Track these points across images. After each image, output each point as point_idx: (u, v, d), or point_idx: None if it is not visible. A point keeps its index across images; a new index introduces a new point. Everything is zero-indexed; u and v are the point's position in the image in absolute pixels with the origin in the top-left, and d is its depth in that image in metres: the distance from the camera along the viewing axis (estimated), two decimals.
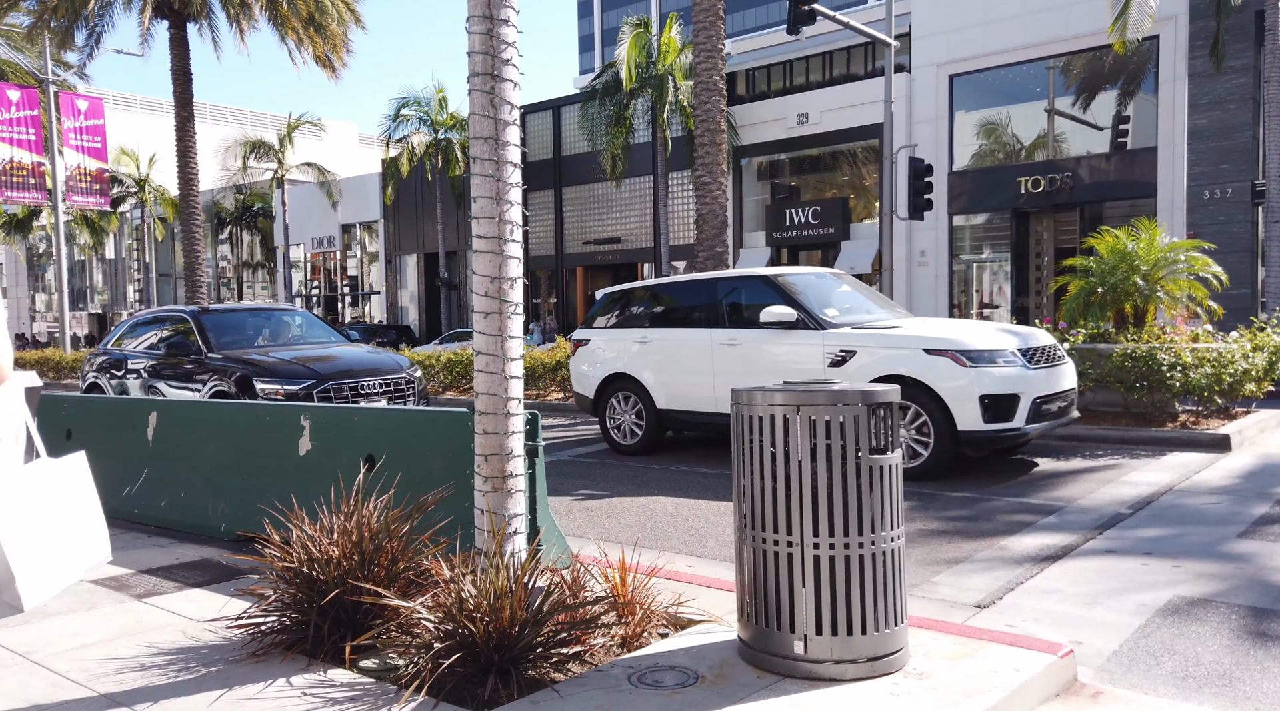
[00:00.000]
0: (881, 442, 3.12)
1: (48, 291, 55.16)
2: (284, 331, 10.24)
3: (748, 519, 3.17)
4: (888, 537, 3.06)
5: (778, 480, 3.08)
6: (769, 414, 3.10)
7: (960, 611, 4.02)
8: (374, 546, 3.48)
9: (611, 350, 9.13)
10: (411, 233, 36.84)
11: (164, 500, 5.95)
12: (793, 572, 3.04)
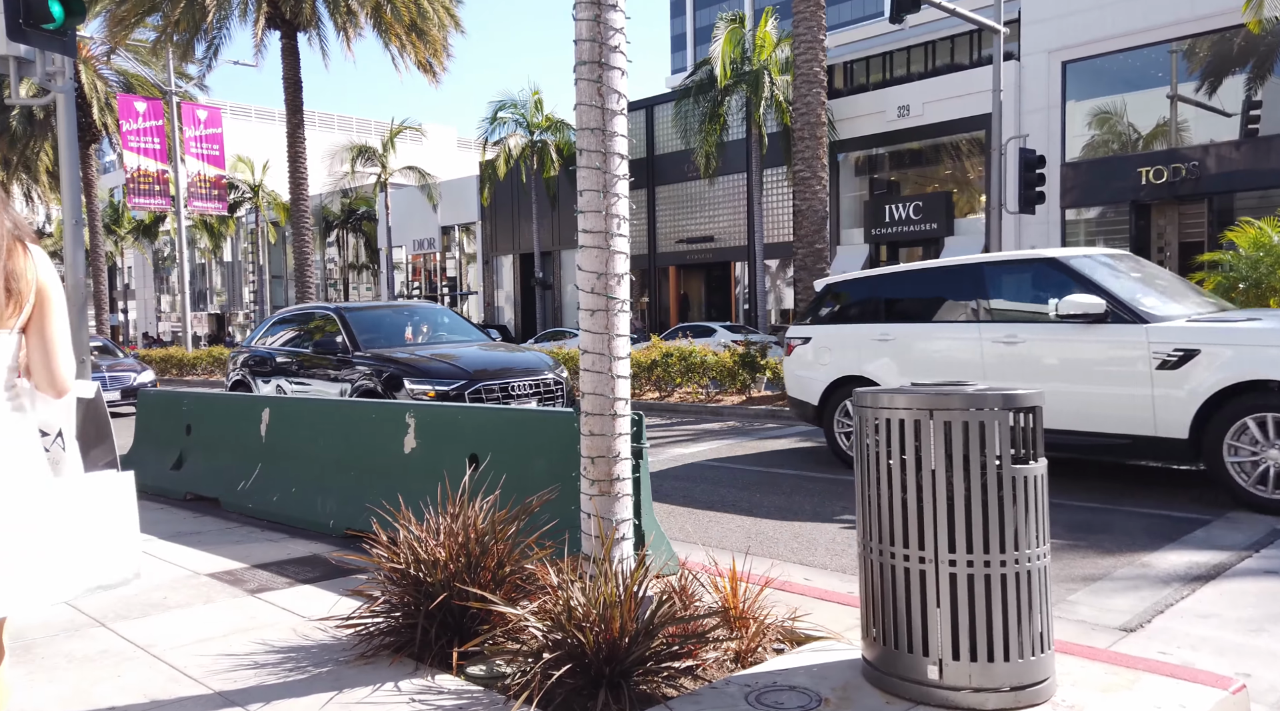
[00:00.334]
0: (1024, 451, 2.85)
1: (171, 293, 58.53)
2: (426, 328, 9.89)
3: (872, 531, 2.95)
4: (1032, 555, 2.79)
5: (907, 491, 2.85)
6: (896, 418, 2.87)
7: (1104, 635, 3.68)
8: (480, 549, 3.41)
9: (841, 349, 7.96)
10: (507, 234, 37.47)
11: (276, 495, 6.09)
12: (925, 591, 2.80)
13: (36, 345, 2.02)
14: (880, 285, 8.02)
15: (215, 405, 7.28)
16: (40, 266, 2.01)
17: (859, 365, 7.80)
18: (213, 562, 4.81)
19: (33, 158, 31.15)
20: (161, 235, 50.04)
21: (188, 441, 7.21)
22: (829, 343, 8.11)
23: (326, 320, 9.61)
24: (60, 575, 2.00)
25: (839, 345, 8.02)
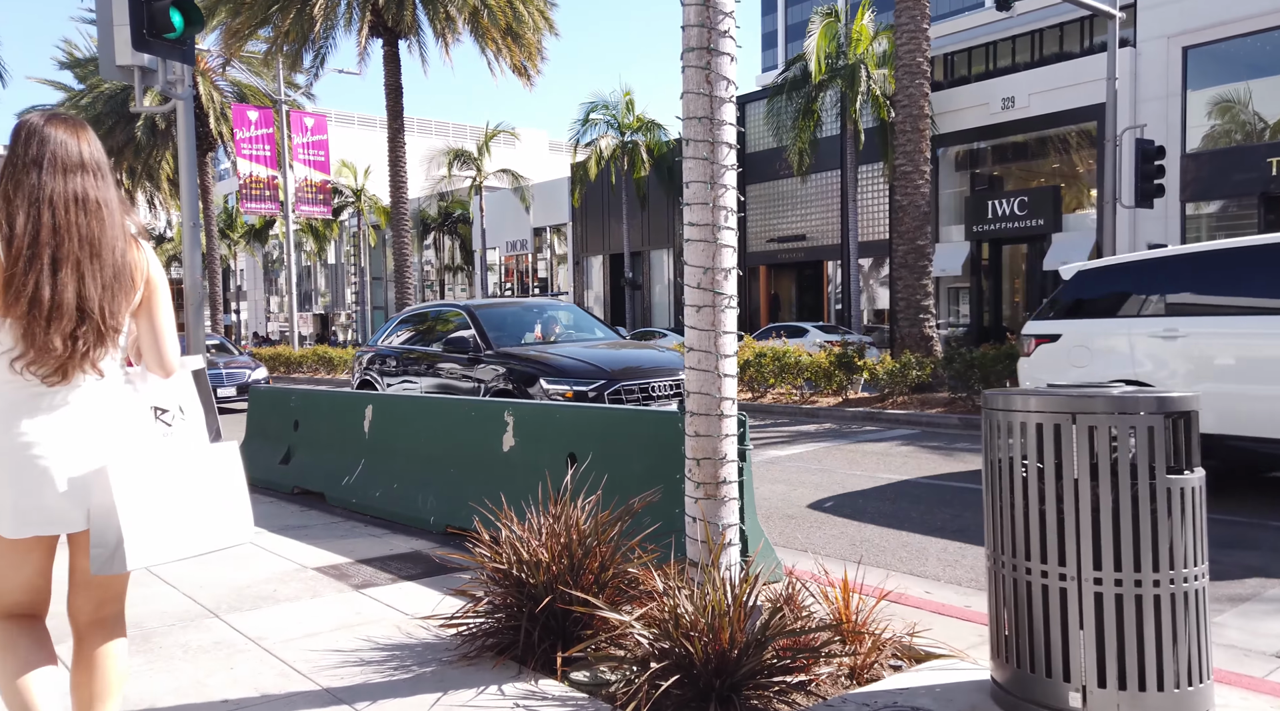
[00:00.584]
0: (1181, 460, 2.58)
1: (279, 294, 61.22)
2: (556, 326, 9.50)
3: (1005, 544, 2.73)
4: (1189, 574, 2.53)
5: (1046, 502, 2.62)
6: (1033, 422, 2.64)
7: (1258, 662, 3.34)
8: (583, 551, 3.32)
9: (1106, 348, 6.75)
10: (598, 234, 37.73)
11: (378, 491, 6.19)
12: (1066, 611, 2.57)
13: (146, 330, 2.21)
14: (1160, 270, 6.70)
15: (321, 401, 7.47)
16: (150, 261, 2.21)
17: (1132, 367, 6.51)
18: (319, 557, 4.89)
19: (155, 166, 33.02)
20: (271, 239, 52.39)
21: (295, 437, 7.42)
22: (1087, 340, 6.86)
23: (456, 317, 9.23)
24: (184, 534, 2.16)
25: (1103, 343, 6.77)
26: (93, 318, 2.05)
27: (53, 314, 2.01)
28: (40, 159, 2.07)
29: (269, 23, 21.42)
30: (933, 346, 13.12)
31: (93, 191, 2.10)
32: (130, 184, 36.94)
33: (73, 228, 2.05)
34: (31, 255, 2.01)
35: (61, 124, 2.13)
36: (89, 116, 31.22)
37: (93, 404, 2.12)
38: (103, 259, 2.08)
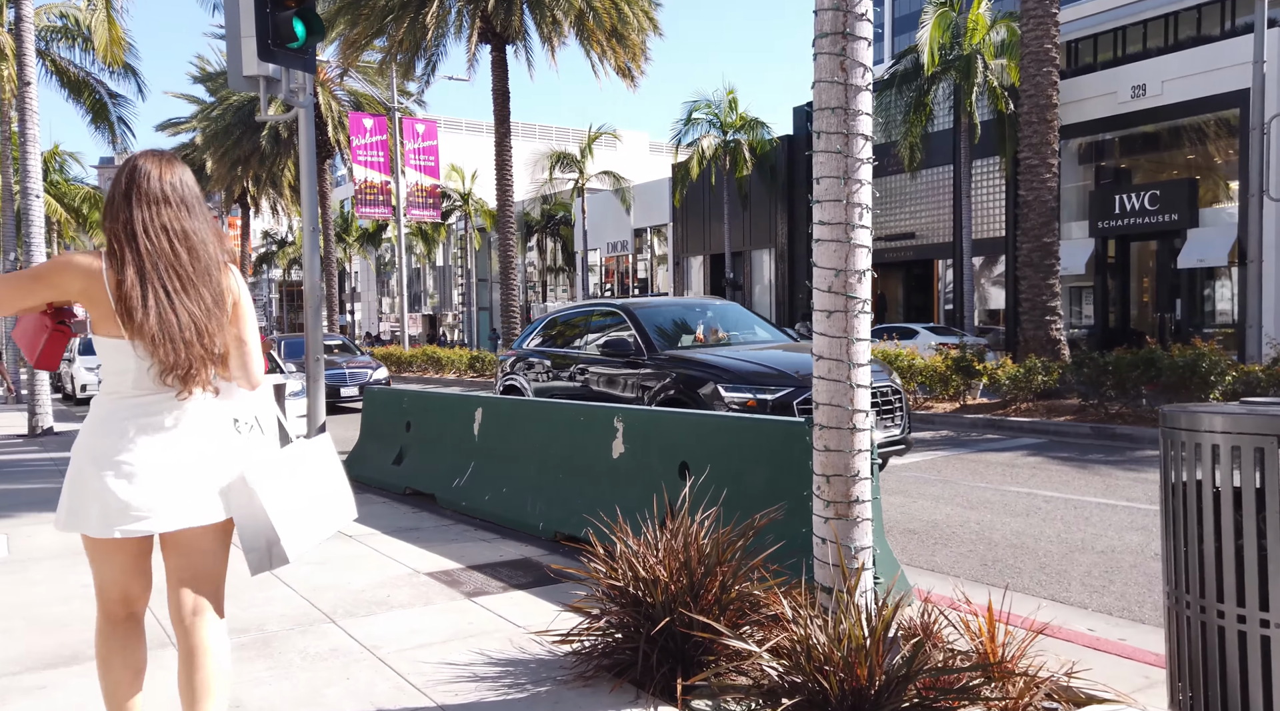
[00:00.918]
0: None
1: (390, 295, 63.46)
2: (720, 326, 8.68)
3: (1188, 582, 2.40)
4: None
5: (1244, 536, 2.29)
6: (1228, 444, 2.31)
7: None
8: (704, 570, 3.14)
9: None
10: (698, 235, 37.51)
11: (488, 494, 6.17)
12: (1269, 661, 2.23)
13: (235, 346, 2.35)
14: None
15: (432, 402, 7.54)
16: (239, 283, 2.39)
17: None
18: (431, 561, 4.88)
19: (278, 174, 34.68)
20: (384, 242, 54.37)
21: (407, 437, 7.52)
22: None
23: (611, 318, 8.48)
24: (314, 521, 2.42)
25: None
26: (200, 339, 2.22)
27: (163, 337, 2.18)
28: (130, 193, 2.24)
29: (384, 33, 22.12)
30: (1059, 350, 12.35)
31: (183, 222, 2.26)
32: (255, 191, 38.94)
33: (168, 256, 2.22)
34: (138, 282, 2.18)
35: (152, 159, 2.30)
36: (218, 128, 33.04)
37: (192, 417, 2.27)
38: (201, 285, 2.26)
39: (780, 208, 33.35)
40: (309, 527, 2.38)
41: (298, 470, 2.40)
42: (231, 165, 33.52)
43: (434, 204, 29.59)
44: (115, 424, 2.22)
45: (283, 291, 68.07)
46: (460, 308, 56.13)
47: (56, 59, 18.71)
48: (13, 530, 5.81)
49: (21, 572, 4.75)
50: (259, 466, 2.30)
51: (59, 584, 4.47)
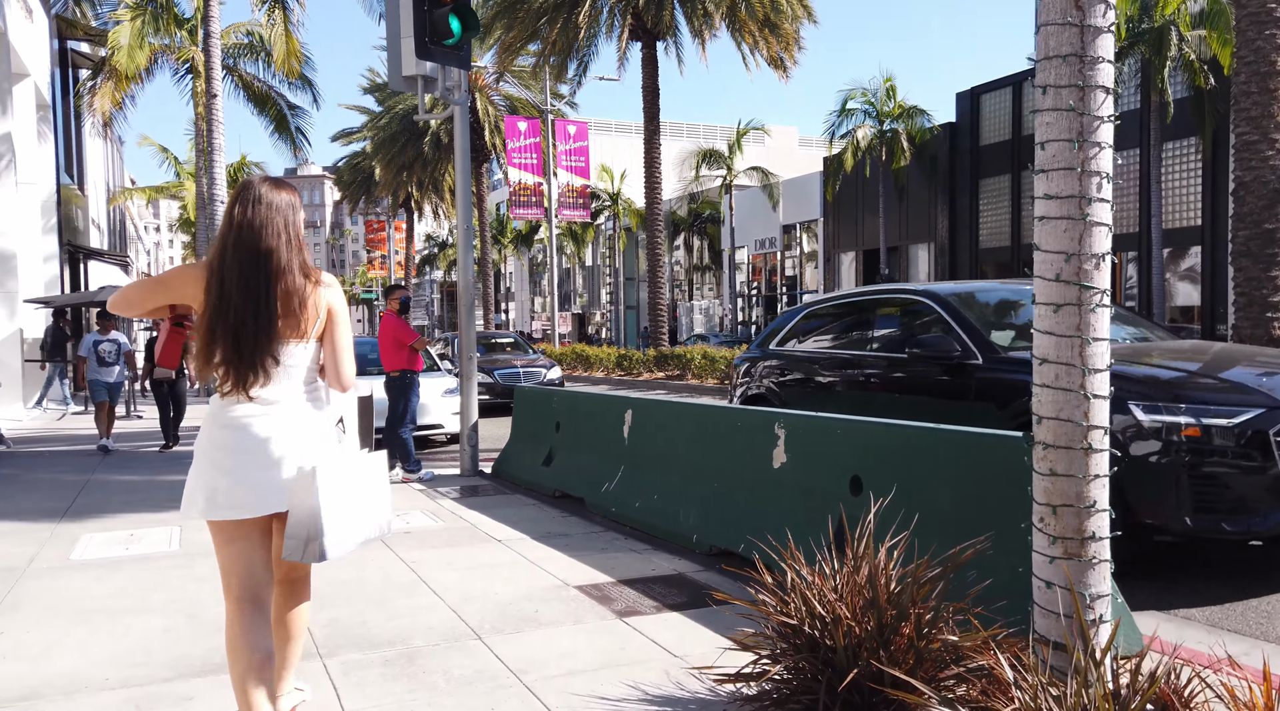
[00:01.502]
0: None
1: (542, 295, 65.18)
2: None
3: None
4: None
5: None
6: None
7: None
8: (895, 611, 2.66)
9: None
10: (850, 230, 36.18)
11: (638, 501, 5.86)
12: None
13: (329, 352, 2.61)
14: None
15: (581, 403, 7.33)
16: (332, 295, 2.59)
17: None
18: (580, 573, 4.61)
19: (439, 179, 36.20)
20: (535, 243, 55.86)
21: (557, 438, 7.34)
22: None
23: (911, 308, 6.31)
24: (356, 530, 2.57)
25: None
26: (243, 351, 2.44)
27: (235, 345, 2.43)
28: (231, 214, 2.50)
29: (537, 36, 22.52)
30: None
31: (270, 243, 2.47)
32: (419, 196, 40.85)
33: (251, 275, 2.45)
34: (222, 296, 2.44)
35: (259, 185, 2.54)
36: (385, 136, 34.82)
37: (275, 416, 2.50)
38: (276, 301, 2.46)
39: (940, 199, 31.61)
40: (350, 532, 2.55)
41: (355, 476, 2.59)
42: (397, 171, 35.25)
43: (584, 204, 29.92)
44: (220, 418, 2.50)
45: (443, 291, 71.32)
46: (608, 306, 56.87)
47: (243, 74, 20.11)
48: (186, 523, 6.02)
49: (188, 567, 4.84)
50: (326, 465, 2.49)
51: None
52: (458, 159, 8.11)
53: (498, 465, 8.14)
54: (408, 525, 5.94)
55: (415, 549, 5.19)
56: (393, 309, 8.17)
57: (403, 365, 7.99)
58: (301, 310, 2.50)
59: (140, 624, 3.84)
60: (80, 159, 23.91)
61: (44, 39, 17.88)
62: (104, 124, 18.83)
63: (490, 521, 5.99)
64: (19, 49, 15.02)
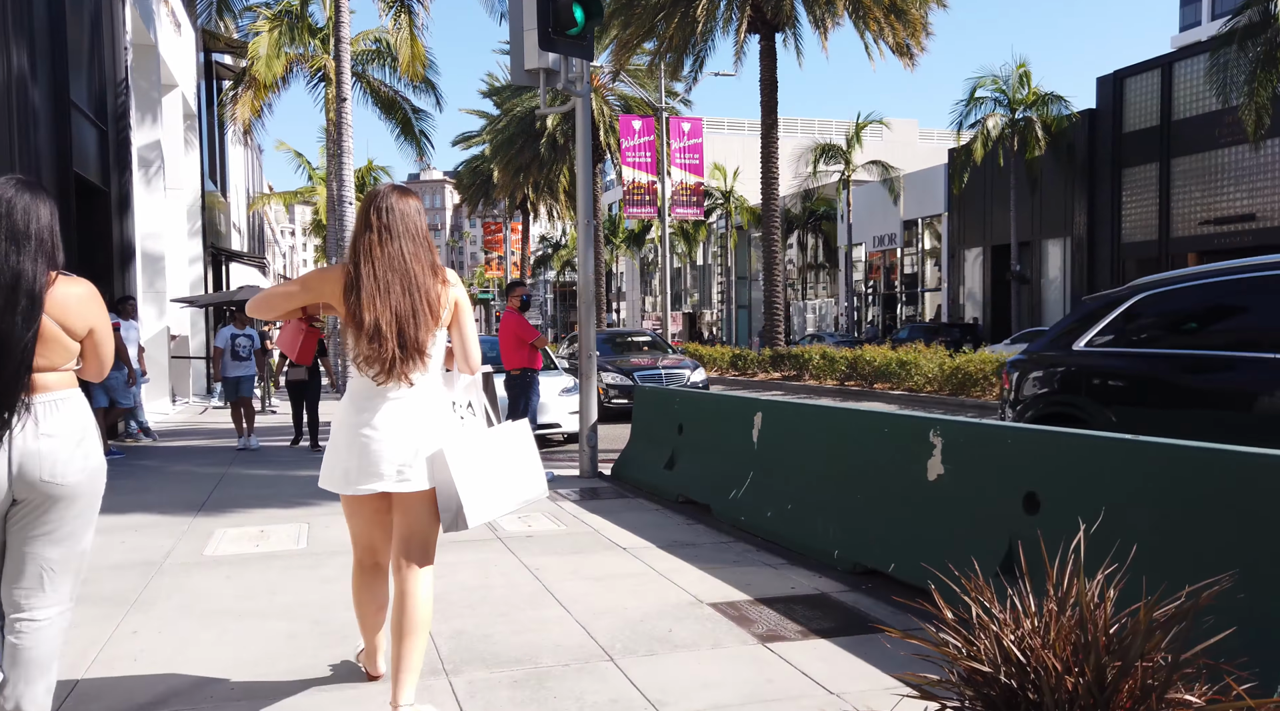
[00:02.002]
0: None
1: (653, 294, 65.24)
2: None
3: None
4: None
5: None
6: None
7: None
8: (1119, 666, 2.21)
9: None
10: (977, 224, 34.46)
11: (769, 510, 5.48)
12: None
13: (457, 340, 2.86)
14: None
15: (705, 404, 7.00)
16: (458, 292, 2.82)
17: None
18: (713, 588, 4.28)
19: (554, 180, 36.60)
20: (647, 243, 55.91)
21: (679, 441, 7.04)
22: None
23: None
24: (499, 496, 2.80)
25: None
26: (401, 339, 2.66)
27: (375, 338, 2.64)
28: (368, 219, 2.72)
29: (653, 34, 22.35)
30: None
31: (403, 246, 2.70)
32: (534, 197, 41.47)
33: (388, 275, 2.67)
34: (362, 296, 2.66)
35: (390, 195, 2.75)
36: (503, 138, 35.48)
37: (411, 400, 2.72)
38: (410, 296, 2.68)
39: (1078, 191, 29.66)
40: (493, 500, 2.77)
41: (490, 450, 2.81)
42: (514, 173, 35.86)
43: (698, 202, 29.56)
44: (358, 402, 2.73)
45: (556, 291, 72.48)
46: (719, 306, 56.36)
47: (370, 79, 20.75)
48: (313, 519, 6.04)
49: (315, 567, 4.78)
50: (456, 444, 2.73)
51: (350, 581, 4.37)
52: (579, 152, 7.92)
53: (617, 467, 7.91)
54: (529, 528, 5.76)
55: (539, 554, 4.99)
56: (513, 306, 8.06)
57: (523, 363, 7.85)
58: (434, 305, 2.73)
59: (265, 629, 3.75)
60: (223, 166, 25.31)
61: (190, 52, 18.92)
62: (244, 132, 19.76)
63: (613, 527, 5.74)
64: (168, 61, 15.90)
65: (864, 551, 4.57)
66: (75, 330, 2.40)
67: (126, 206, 11.98)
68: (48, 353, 2.35)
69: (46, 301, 2.34)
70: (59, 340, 2.37)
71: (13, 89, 7.76)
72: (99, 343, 2.46)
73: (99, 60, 11.04)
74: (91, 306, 2.44)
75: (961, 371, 15.41)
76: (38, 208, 2.39)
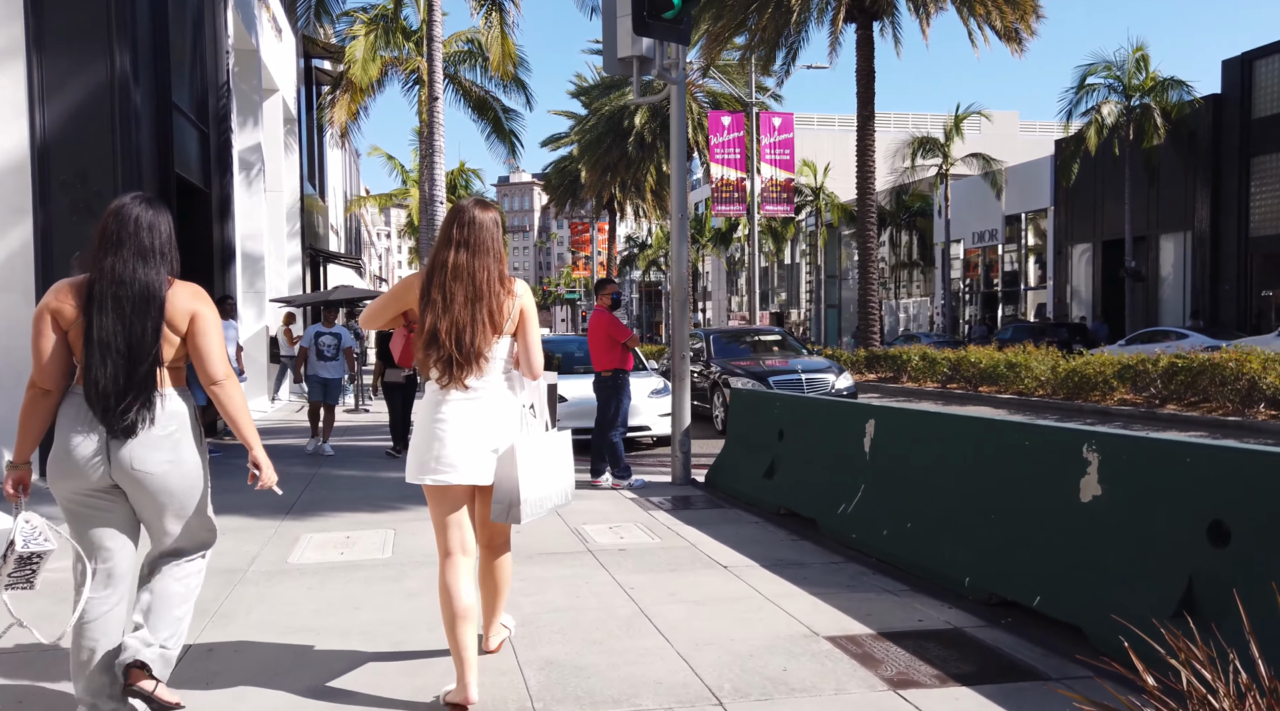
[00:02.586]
0: None
1: (739, 293, 64.41)
2: None
3: None
4: None
5: None
6: None
7: None
8: None
9: None
10: (1086, 219, 32.59)
11: (886, 528, 4.98)
12: None
13: (522, 346, 3.03)
14: None
15: (809, 409, 6.52)
16: (524, 300, 2.99)
17: None
18: (829, 618, 3.83)
19: (641, 180, 36.38)
20: (733, 242, 55.18)
21: (779, 448, 6.58)
22: None
23: None
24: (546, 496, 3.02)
25: None
26: (462, 349, 2.86)
27: (438, 344, 2.86)
28: (446, 231, 2.94)
29: (744, 27, 21.83)
30: None
31: (472, 258, 2.89)
32: (621, 196, 41.34)
33: (453, 285, 2.87)
34: (429, 304, 2.88)
35: (466, 208, 2.96)
36: (590, 138, 35.44)
37: (475, 401, 2.92)
38: (476, 305, 2.87)
39: (1200, 182, 27.65)
40: (542, 500, 2.99)
41: (546, 453, 3.05)
42: (601, 172, 35.78)
43: (788, 198, 28.83)
44: (435, 402, 2.93)
45: (641, 291, 72.39)
46: (808, 305, 55.19)
47: (462, 80, 20.88)
48: (400, 525, 5.83)
49: (399, 579, 4.54)
50: (524, 444, 2.95)
51: (435, 595, 4.06)
52: (673, 141, 7.54)
53: (712, 474, 7.50)
54: (622, 540, 5.41)
55: (633, 572, 4.63)
56: (604, 305, 7.74)
57: (615, 364, 7.53)
58: (501, 313, 2.92)
59: (345, 650, 3.49)
60: (322, 169, 25.97)
61: (291, 57, 19.38)
62: (340, 134, 20.13)
63: (711, 541, 5.34)
64: (269, 65, 16.25)
65: (1001, 581, 4.04)
66: (179, 327, 2.63)
67: (227, 208, 12.21)
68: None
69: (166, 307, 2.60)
70: (169, 341, 2.63)
71: (115, 90, 7.87)
72: (200, 333, 2.66)
73: (201, 63, 11.25)
74: (195, 301, 2.67)
75: (1078, 374, 14.38)
76: (160, 223, 2.64)
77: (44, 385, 2.52)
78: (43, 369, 2.51)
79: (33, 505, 2.64)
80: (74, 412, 2.54)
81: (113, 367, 2.50)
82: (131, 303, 2.52)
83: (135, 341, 2.53)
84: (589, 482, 7.52)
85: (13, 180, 7.68)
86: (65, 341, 2.53)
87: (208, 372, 2.63)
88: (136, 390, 2.52)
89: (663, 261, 69.44)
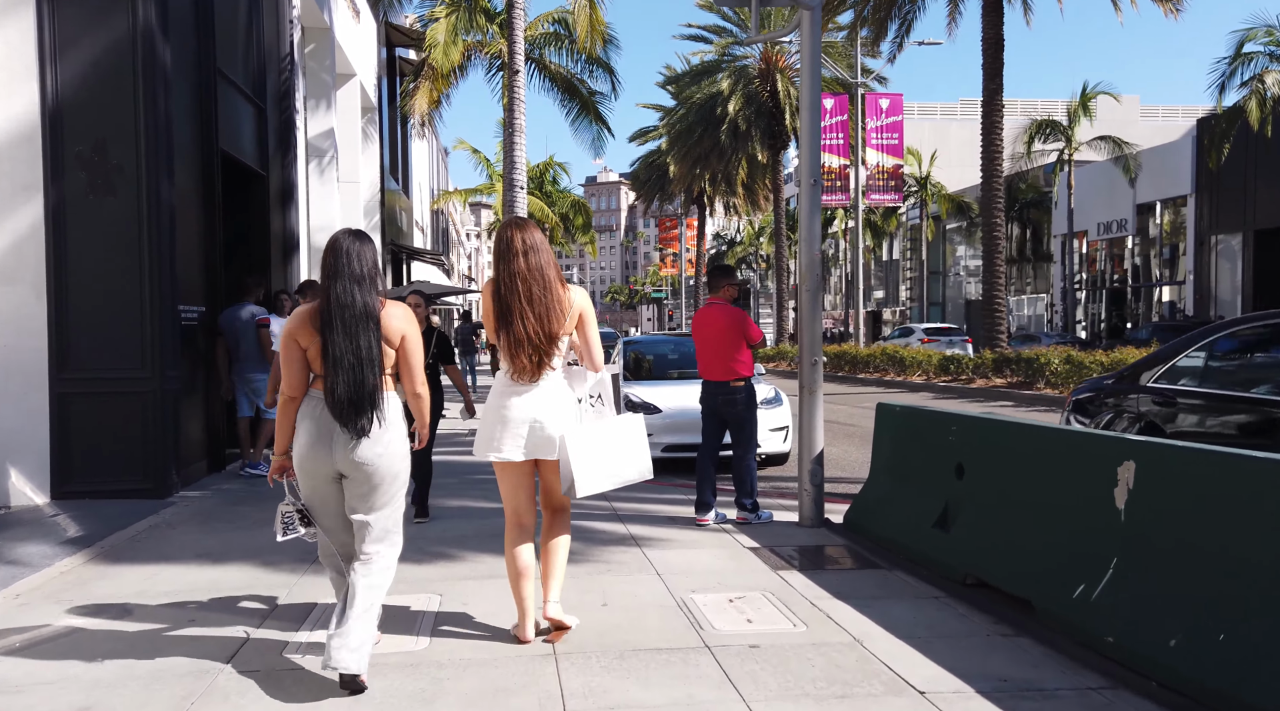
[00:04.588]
0: None
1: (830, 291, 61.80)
2: None
3: None
4: None
5: None
6: None
7: None
8: None
9: None
10: (1234, 206, 29.18)
11: (1173, 633, 3.20)
12: None
13: (584, 343, 3.65)
14: None
15: (1007, 439, 4.71)
16: (582, 298, 3.60)
17: None
18: None
19: (732, 173, 34.56)
20: (828, 237, 52.71)
21: (958, 489, 4.82)
22: None
23: None
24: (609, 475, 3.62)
25: None
26: (537, 343, 3.46)
27: (516, 340, 3.47)
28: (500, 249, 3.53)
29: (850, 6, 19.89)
30: None
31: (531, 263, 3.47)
32: (711, 191, 39.59)
33: (523, 288, 3.46)
34: (504, 307, 3.48)
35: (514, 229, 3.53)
36: (680, 129, 33.80)
37: (543, 392, 3.52)
38: (542, 305, 3.46)
39: None
40: (601, 477, 3.57)
41: (605, 436, 3.62)
42: (691, 165, 34.13)
43: (895, 186, 26.62)
44: (502, 390, 3.55)
45: None
46: (908, 303, 52.33)
47: (548, 63, 19.62)
48: (448, 589, 4.36)
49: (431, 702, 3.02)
50: (575, 430, 3.53)
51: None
52: (804, 82, 5.86)
53: (854, 516, 5.80)
54: (750, 625, 3.80)
55: (776, 695, 3.01)
56: (728, 297, 6.10)
57: (748, 371, 5.95)
58: (562, 316, 3.48)
59: None
60: (405, 163, 25.15)
61: (371, 42, 18.42)
62: (421, 123, 19.16)
63: (882, 633, 3.67)
64: (345, 48, 15.25)
65: None
66: (394, 342, 3.26)
67: (290, 194, 11.11)
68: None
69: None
70: (385, 354, 3.23)
71: (139, 45, 6.70)
72: (409, 351, 3.29)
73: (258, 31, 10.15)
74: (405, 323, 3.28)
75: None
76: (365, 251, 3.22)
77: (292, 394, 3.19)
78: (292, 382, 3.17)
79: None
80: (312, 413, 3.17)
81: (347, 378, 3.08)
82: (355, 321, 3.12)
83: (363, 353, 3.12)
84: (691, 519, 5.96)
85: (21, 152, 6.58)
86: (305, 358, 3.17)
87: (411, 384, 3.32)
88: (368, 398, 3.11)
89: (752, 259, 67.26)
